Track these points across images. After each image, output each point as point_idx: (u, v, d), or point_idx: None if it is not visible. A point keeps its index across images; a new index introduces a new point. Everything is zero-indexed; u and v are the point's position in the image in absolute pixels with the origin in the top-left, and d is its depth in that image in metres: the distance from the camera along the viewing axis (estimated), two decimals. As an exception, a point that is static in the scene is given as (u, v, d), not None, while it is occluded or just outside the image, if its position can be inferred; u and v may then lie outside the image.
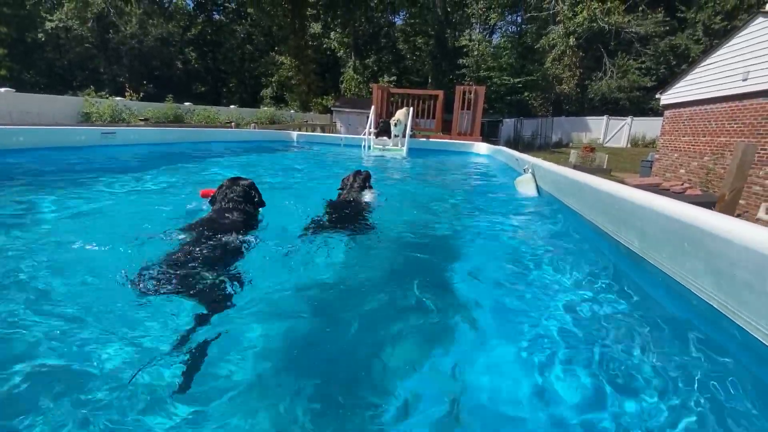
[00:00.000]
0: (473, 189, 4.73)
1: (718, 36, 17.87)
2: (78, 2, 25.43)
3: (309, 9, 28.65)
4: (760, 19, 7.55)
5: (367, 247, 2.25)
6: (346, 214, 2.55)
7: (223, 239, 1.73)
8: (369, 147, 8.23)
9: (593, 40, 22.27)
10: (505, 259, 2.14)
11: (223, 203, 2.11)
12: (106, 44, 27.89)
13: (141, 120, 10.99)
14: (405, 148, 7.95)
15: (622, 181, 8.89)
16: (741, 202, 6.91)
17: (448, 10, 28.88)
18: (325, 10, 29.42)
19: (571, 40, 21.77)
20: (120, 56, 28.39)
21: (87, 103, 10.77)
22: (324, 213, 2.53)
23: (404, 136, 8.26)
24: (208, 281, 1.44)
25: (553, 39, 22.51)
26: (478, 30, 28.56)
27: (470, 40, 26.26)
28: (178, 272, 1.42)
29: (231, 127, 11.79)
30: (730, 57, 8.42)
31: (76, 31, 26.42)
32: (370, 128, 8.64)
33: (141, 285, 1.35)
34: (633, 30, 20.92)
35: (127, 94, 13.65)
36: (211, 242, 1.68)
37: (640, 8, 21.38)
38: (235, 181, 2.25)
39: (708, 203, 6.11)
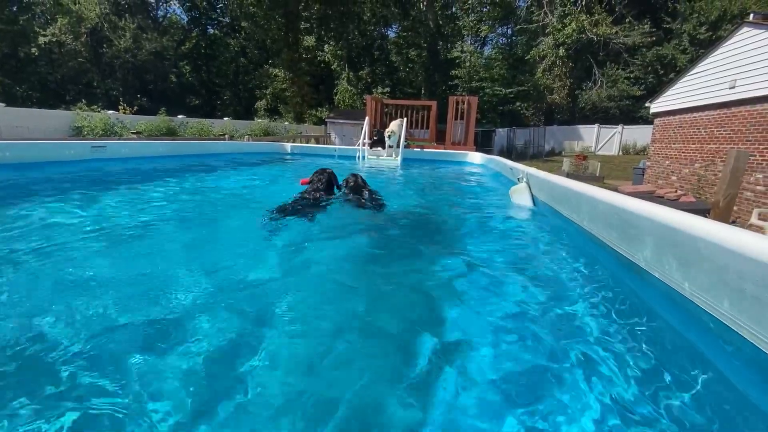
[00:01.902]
0: (468, 198, 4.71)
1: (703, 46, 18.28)
2: (72, 17, 25.56)
3: (302, 23, 29.00)
4: (746, 28, 7.71)
5: (355, 252, 2.21)
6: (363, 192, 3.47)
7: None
8: (363, 158, 8.22)
9: (582, 50, 22.73)
10: (500, 269, 2.10)
11: (313, 185, 3.38)
12: (99, 58, 27.96)
13: (133, 133, 10.91)
14: (399, 159, 7.95)
15: (616, 189, 8.95)
16: (734, 208, 6.95)
17: (440, 23, 29.38)
18: (318, 23, 29.80)
19: (561, 51, 22.19)
20: (114, 70, 28.43)
21: (78, 117, 10.69)
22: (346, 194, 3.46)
23: (398, 146, 8.28)
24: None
25: (543, 50, 22.93)
26: (469, 42, 29.07)
27: (462, 51, 26.72)
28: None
29: (224, 140, 11.75)
30: (717, 66, 8.59)
31: (70, 45, 26.46)
32: (364, 139, 8.64)
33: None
34: (621, 41, 21.37)
35: (120, 107, 13.59)
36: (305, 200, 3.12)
37: (627, 20, 21.89)
38: (322, 171, 3.52)
39: (702, 210, 6.14)
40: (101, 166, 5.39)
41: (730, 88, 8.10)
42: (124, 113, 12.79)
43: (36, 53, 25.49)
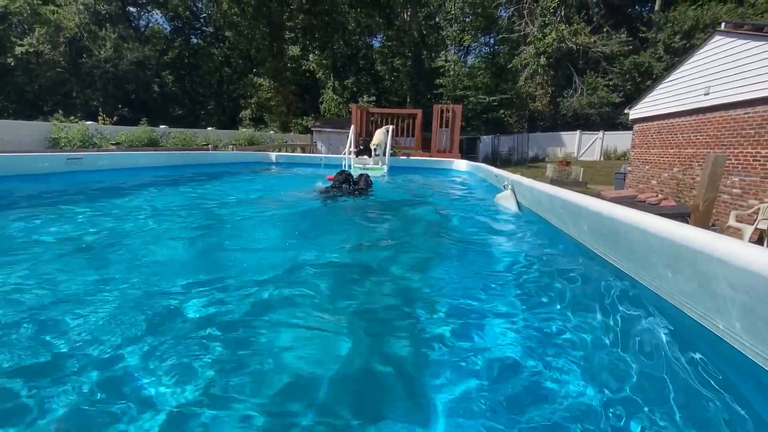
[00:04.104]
0: (454, 206, 4.69)
1: (678, 54, 18.92)
2: (50, 27, 25.03)
3: (287, 32, 29.01)
4: (717, 37, 7.99)
5: (342, 262, 2.15)
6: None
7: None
8: (349, 166, 8.16)
9: (563, 59, 23.28)
10: (487, 276, 2.06)
11: (336, 181, 4.71)
12: (78, 68, 27.37)
13: (113, 144, 10.65)
14: (386, 167, 7.92)
15: (599, 194, 9.09)
16: (712, 211, 7.11)
17: (424, 32, 29.76)
18: (303, 33, 29.85)
19: (542, 60, 22.68)
20: (94, 80, 27.85)
21: (55, 128, 10.38)
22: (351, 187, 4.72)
23: (385, 154, 8.25)
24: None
25: (524, 59, 23.41)
26: (453, 51, 29.48)
27: (446, 61, 27.06)
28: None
29: (208, 150, 11.58)
30: (692, 73, 8.86)
31: (48, 55, 25.86)
32: (350, 147, 8.60)
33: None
34: (599, 50, 21.98)
35: (99, 118, 13.27)
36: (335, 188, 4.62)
37: (605, 29, 22.57)
38: (341, 172, 4.84)
39: (683, 214, 6.26)
40: (77, 178, 5.21)
41: (705, 95, 8.35)
42: (104, 124, 12.49)
43: (12, 63, 24.81)
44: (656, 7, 23.54)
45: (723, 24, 8.01)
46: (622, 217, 1.71)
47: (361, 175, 5.02)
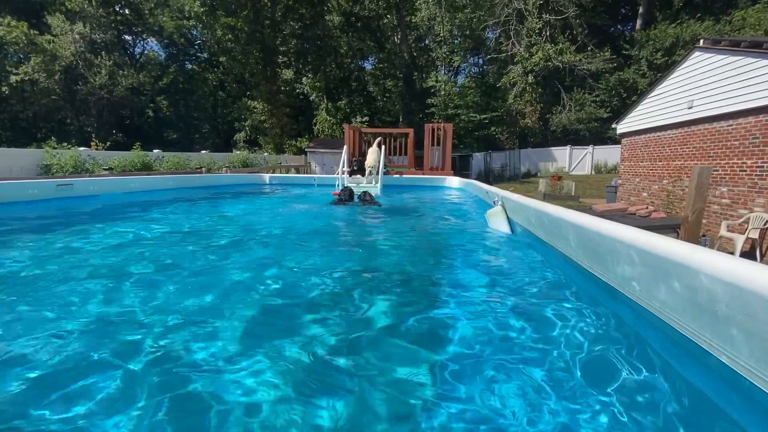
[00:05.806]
0: (446, 223, 4.70)
1: (661, 69, 19.48)
2: (45, 56, 25.34)
3: (280, 57, 29.59)
4: (697, 53, 8.25)
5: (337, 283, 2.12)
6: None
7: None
8: (343, 186, 8.19)
9: (550, 77, 23.90)
10: (479, 293, 2.04)
11: (341, 194, 6.16)
12: (73, 96, 27.59)
13: (105, 170, 10.63)
14: (379, 185, 7.95)
15: (590, 207, 9.16)
16: (702, 221, 7.16)
17: (414, 54, 30.51)
18: (296, 57, 30.47)
19: (530, 78, 23.26)
20: (88, 107, 28.04)
21: (47, 155, 10.35)
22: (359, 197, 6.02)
23: (377, 173, 8.30)
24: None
25: (513, 78, 23.97)
26: (443, 72, 30.14)
27: (437, 81, 27.64)
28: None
29: (201, 173, 11.59)
30: (675, 88, 9.10)
31: (43, 83, 26.09)
32: (343, 167, 8.65)
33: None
34: (585, 67, 22.60)
35: (92, 144, 13.28)
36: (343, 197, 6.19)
37: (589, 48, 23.26)
38: (345, 188, 6.35)
39: (673, 225, 6.31)
40: (67, 204, 5.17)
41: (689, 108, 8.56)
42: (96, 149, 12.49)
43: (7, 92, 25.00)
44: (638, 26, 24.38)
45: (702, 41, 8.28)
46: (612, 232, 1.70)
47: (365, 192, 6.27)
